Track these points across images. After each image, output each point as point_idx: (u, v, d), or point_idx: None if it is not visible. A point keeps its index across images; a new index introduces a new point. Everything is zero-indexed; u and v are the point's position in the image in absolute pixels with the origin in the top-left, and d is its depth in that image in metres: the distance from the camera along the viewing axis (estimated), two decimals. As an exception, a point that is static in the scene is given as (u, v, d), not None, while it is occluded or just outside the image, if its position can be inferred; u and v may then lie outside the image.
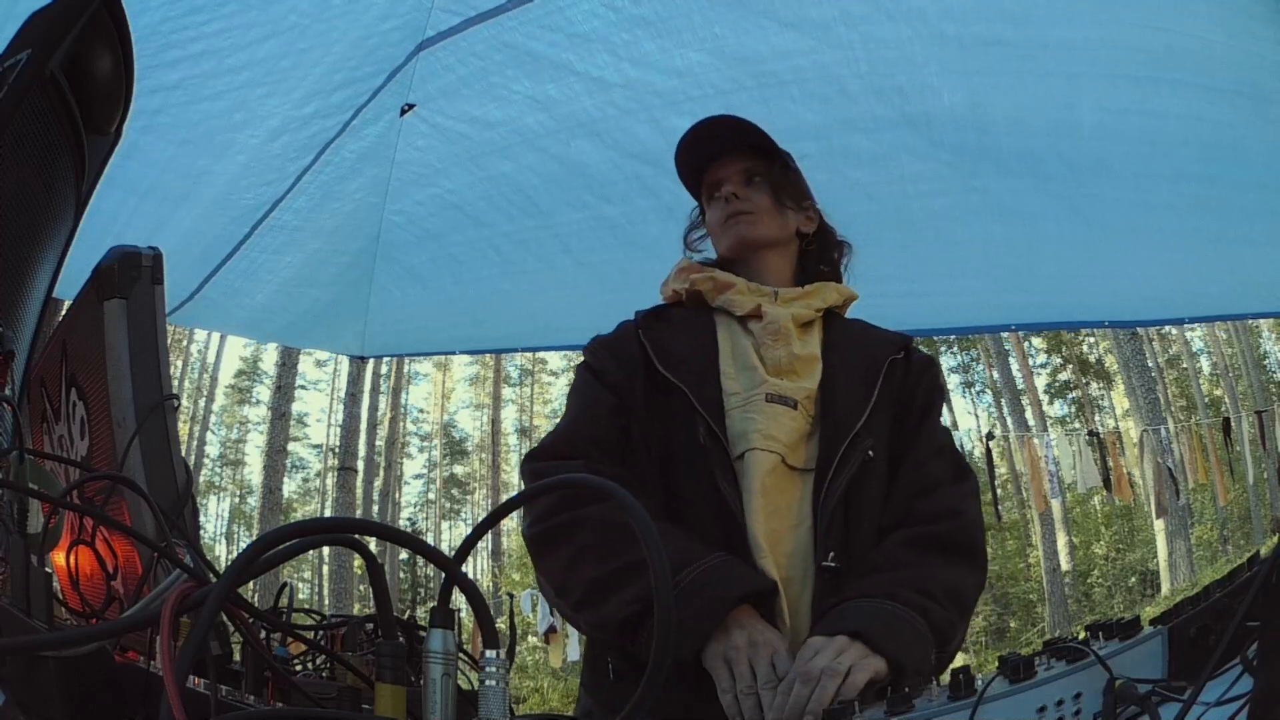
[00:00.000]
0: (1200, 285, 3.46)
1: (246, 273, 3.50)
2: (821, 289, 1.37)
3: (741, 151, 1.40)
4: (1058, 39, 2.48)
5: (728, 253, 1.41)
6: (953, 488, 1.23)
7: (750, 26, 2.60)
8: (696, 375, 1.25)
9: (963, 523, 1.17)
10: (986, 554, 1.23)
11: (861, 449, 1.20)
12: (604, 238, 3.38)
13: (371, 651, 0.87)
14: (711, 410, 1.21)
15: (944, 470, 1.25)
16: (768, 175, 1.40)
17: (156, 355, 0.98)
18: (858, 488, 1.19)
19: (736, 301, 1.33)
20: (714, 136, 1.40)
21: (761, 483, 1.16)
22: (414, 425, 30.47)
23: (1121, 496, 8.39)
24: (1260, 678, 0.51)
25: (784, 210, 1.40)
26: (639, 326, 1.33)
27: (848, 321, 1.41)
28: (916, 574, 1.08)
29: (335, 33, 2.59)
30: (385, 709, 0.53)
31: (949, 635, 1.07)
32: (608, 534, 1.12)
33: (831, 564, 1.14)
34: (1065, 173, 2.90)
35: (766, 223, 1.38)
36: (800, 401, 1.23)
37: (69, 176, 0.89)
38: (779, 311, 1.31)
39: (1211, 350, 21.69)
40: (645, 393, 1.26)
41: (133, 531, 0.81)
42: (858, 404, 1.23)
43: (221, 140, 2.85)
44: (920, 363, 1.34)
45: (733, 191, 1.38)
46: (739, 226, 1.38)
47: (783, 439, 1.20)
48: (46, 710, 0.59)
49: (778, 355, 1.27)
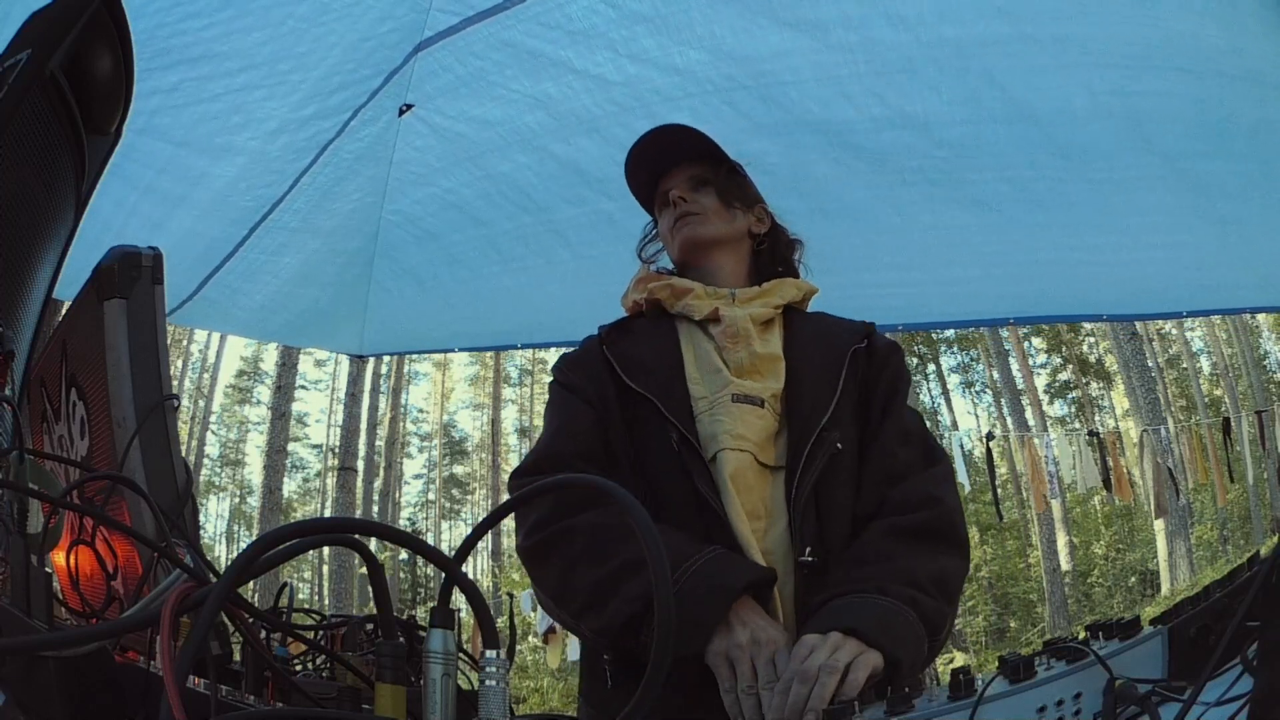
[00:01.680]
0: (1198, 276, 3.46)
1: (246, 273, 3.51)
2: (779, 286, 1.39)
3: (689, 160, 1.44)
4: (1050, 33, 2.49)
5: (680, 255, 1.44)
6: (926, 473, 1.23)
7: (749, 25, 2.60)
8: (663, 384, 1.26)
9: (942, 509, 1.17)
10: (968, 539, 1.22)
11: (829, 443, 1.20)
12: (603, 233, 3.38)
13: (371, 651, 0.87)
14: (681, 416, 1.22)
15: (914, 456, 1.25)
16: (714, 180, 1.42)
17: (156, 355, 0.98)
18: (828, 482, 1.20)
19: (694, 306, 1.35)
20: (662, 150, 1.44)
21: (734, 481, 1.18)
22: (414, 425, 30.49)
23: (1121, 496, 8.39)
24: (1260, 678, 0.51)
25: (732, 210, 1.42)
26: (603, 341, 1.35)
27: (809, 316, 1.42)
28: (902, 565, 1.09)
29: (334, 35, 2.59)
30: (385, 709, 0.53)
31: (939, 625, 1.08)
32: (601, 538, 1.12)
33: (808, 559, 1.15)
34: (1061, 162, 2.91)
35: (714, 221, 1.41)
36: (767, 400, 1.24)
37: (69, 176, 0.89)
38: (736, 312, 1.32)
39: (1211, 350, 21.71)
40: (617, 405, 1.28)
41: (133, 531, 0.81)
42: (823, 398, 1.24)
43: (220, 142, 2.85)
44: (883, 349, 1.34)
45: (680, 195, 1.41)
46: (686, 228, 1.40)
47: (752, 438, 1.21)
48: (46, 710, 0.59)
49: (739, 356, 1.28)
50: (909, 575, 1.07)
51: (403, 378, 25.11)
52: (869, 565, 1.10)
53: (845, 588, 1.07)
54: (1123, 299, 3.74)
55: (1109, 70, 2.57)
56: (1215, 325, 20.45)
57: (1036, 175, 2.97)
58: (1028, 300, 3.72)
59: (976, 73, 2.63)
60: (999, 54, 2.56)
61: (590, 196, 3.26)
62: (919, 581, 1.07)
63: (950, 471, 1.27)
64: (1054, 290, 3.64)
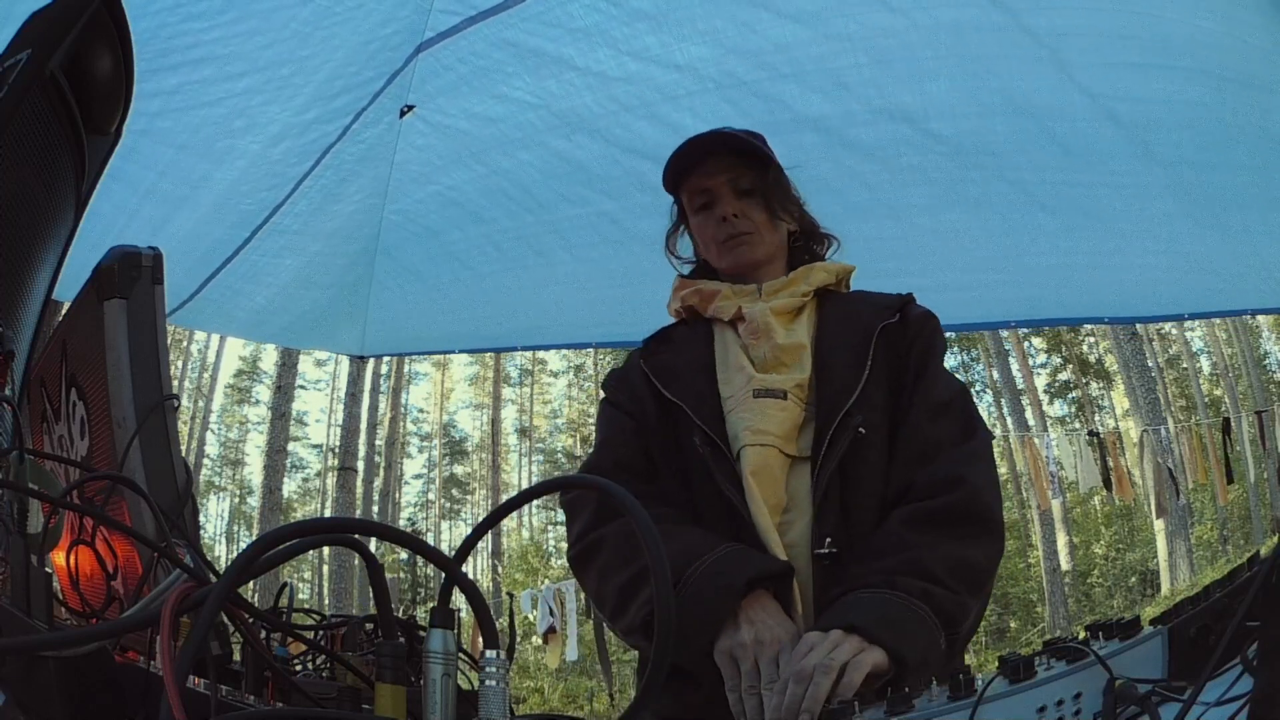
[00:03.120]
0: (1199, 279, 3.46)
1: (246, 275, 3.50)
2: (806, 272, 1.36)
3: (729, 151, 1.37)
4: (1047, 26, 2.49)
5: (726, 271, 1.41)
6: (956, 450, 1.17)
7: (749, 19, 2.61)
8: (694, 389, 1.28)
9: (967, 490, 1.10)
10: (1000, 519, 1.14)
11: (851, 428, 1.18)
12: (605, 232, 3.39)
13: (371, 651, 0.87)
14: (710, 418, 1.24)
15: (946, 431, 1.19)
16: (760, 186, 1.36)
17: (156, 355, 0.98)
18: (852, 468, 1.17)
19: (722, 308, 1.35)
20: (701, 146, 1.37)
21: (756, 476, 1.17)
22: (414, 425, 30.48)
23: (1122, 496, 8.39)
24: (1260, 678, 0.51)
25: (779, 221, 1.39)
26: (642, 355, 1.39)
27: (844, 297, 1.38)
28: (918, 555, 1.05)
29: (336, 39, 2.59)
30: (385, 709, 0.53)
31: (957, 617, 1.04)
32: (626, 545, 1.16)
33: (826, 551, 1.13)
34: (1060, 162, 2.91)
35: (766, 239, 1.37)
36: (790, 391, 1.23)
37: (69, 176, 0.89)
38: (757, 308, 1.31)
39: (1211, 350, 21.69)
40: (656, 415, 1.30)
41: (133, 531, 0.81)
42: (849, 382, 1.21)
43: (221, 146, 2.85)
44: (917, 319, 1.29)
45: (731, 212, 1.35)
46: (740, 250, 1.37)
47: (774, 431, 1.20)
48: (46, 710, 0.59)
49: (762, 351, 1.28)
50: (923, 566, 1.04)
51: (403, 378, 25.11)
52: (884, 557, 1.07)
53: (857, 581, 1.05)
54: (1124, 302, 3.74)
55: (1109, 70, 2.57)
56: (1215, 325, 20.42)
57: (1038, 178, 2.97)
58: (1028, 304, 3.72)
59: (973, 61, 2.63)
60: (998, 46, 2.56)
61: (591, 196, 3.26)
62: (934, 573, 1.03)
63: (984, 446, 1.20)
64: (1054, 293, 3.64)
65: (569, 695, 14.09)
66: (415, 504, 30.27)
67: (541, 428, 30.13)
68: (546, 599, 7.30)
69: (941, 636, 1.02)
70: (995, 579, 1.15)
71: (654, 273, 1.50)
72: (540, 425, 29.95)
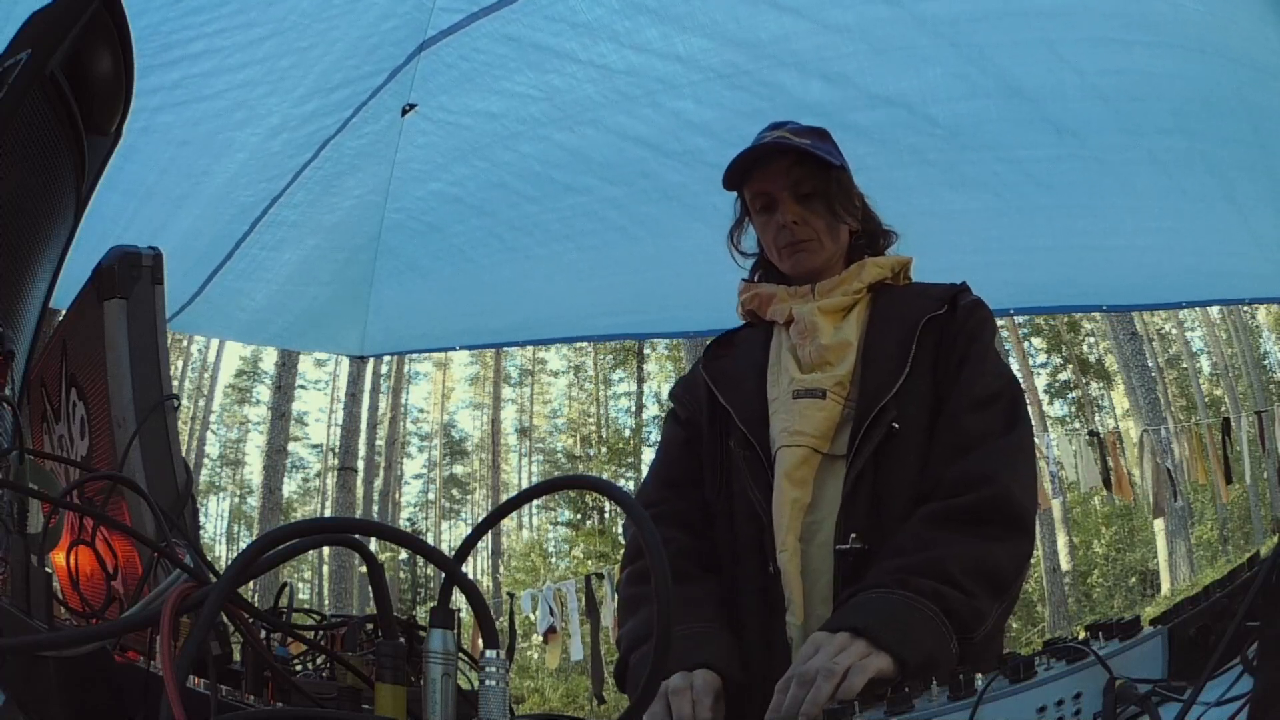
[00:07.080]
0: (1196, 263, 3.47)
1: (245, 272, 3.50)
2: (858, 269, 1.33)
3: (786, 156, 1.33)
4: (1037, 6, 2.49)
5: (788, 273, 1.40)
6: (992, 444, 1.13)
7: (750, 9, 2.62)
8: (743, 392, 1.31)
9: (996, 488, 1.07)
10: (1029, 518, 1.11)
11: (885, 423, 1.16)
12: (608, 221, 3.39)
13: (371, 651, 0.87)
14: (751, 421, 1.26)
15: (985, 424, 1.15)
16: (822, 190, 1.33)
17: (156, 355, 0.98)
18: (885, 464, 1.17)
19: (778, 310, 1.36)
20: (763, 150, 1.34)
21: (789, 477, 1.18)
22: (414, 425, 30.45)
23: (1121, 496, 8.38)
24: (1260, 678, 0.51)
25: (841, 225, 1.36)
26: (703, 360, 1.42)
27: (899, 290, 1.35)
28: (935, 555, 1.03)
29: (336, 32, 2.59)
30: (385, 709, 0.53)
31: (970, 621, 1.01)
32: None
33: (849, 547, 1.13)
34: (1055, 143, 2.91)
35: (828, 245, 1.35)
36: (830, 389, 1.23)
37: (69, 177, 0.89)
38: (805, 309, 1.31)
39: (1211, 350, 21.68)
40: (709, 420, 1.34)
41: (133, 531, 0.81)
42: (889, 377, 1.20)
43: (221, 139, 2.86)
44: (964, 308, 1.26)
45: (791, 219, 1.33)
46: (799, 255, 1.35)
47: (810, 431, 1.20)
48: (46, 710, 0.59)
49: (808, 351, 1.28)
50: (940, 567, 1.02)
51: (403, 378, 25.11)
52: (902, 555, 1.06)
53: (871, 581, 1.05)
54: (1121, 289, 3.74)
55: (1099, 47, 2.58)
56: (1215, 325, 20.44)
57: (1032, 155, 2.98)
58: (1026, 290, 3.71)
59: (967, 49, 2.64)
60: (990, 30, 2.57)
61: (595, 185, 3.27)
62: (949, 573, 1.01)
63: (1022, 441, 1.16)
64: (1052, 280, 3.64)
65: (569, 695, 14.09)
66: (415, 504, 30.26)
67: (541, 427, 30.12)
68: (547, 599, 7.30)
69: (953, 639, 0.99)
70: (1023, 580, 1.13)
71: (656, 259, 1.50)
72: (540, 425, 29.94)
